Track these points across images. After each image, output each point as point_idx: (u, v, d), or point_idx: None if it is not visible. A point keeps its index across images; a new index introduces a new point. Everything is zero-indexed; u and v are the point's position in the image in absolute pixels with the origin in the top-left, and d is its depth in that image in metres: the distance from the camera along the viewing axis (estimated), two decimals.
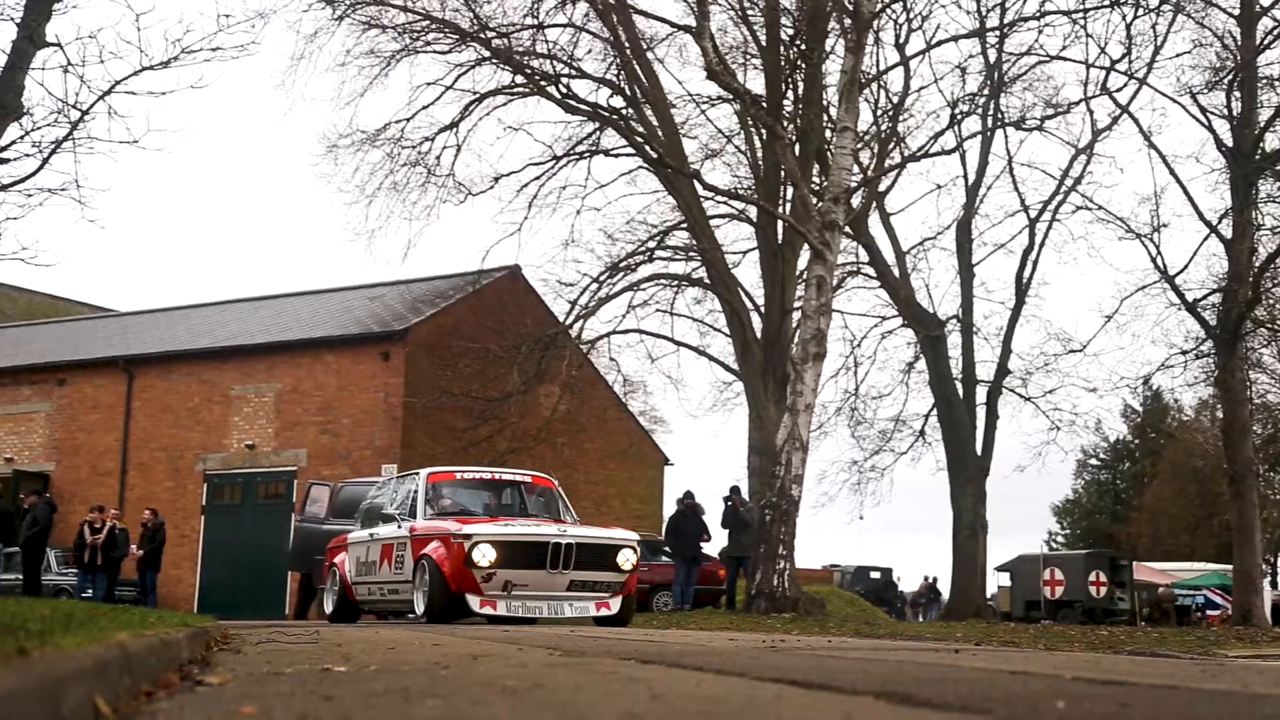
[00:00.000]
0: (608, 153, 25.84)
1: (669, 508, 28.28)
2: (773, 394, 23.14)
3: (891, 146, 26.26)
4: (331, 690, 3.06)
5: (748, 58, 26.29)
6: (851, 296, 32.10)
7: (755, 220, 25.18)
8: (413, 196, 25.27)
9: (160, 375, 27.64)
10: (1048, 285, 49.66)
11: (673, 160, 22.91)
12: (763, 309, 24.60)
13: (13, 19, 13.64)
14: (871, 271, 28.42)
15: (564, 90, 24.97)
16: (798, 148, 22.91)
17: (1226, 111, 25.92)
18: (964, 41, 26.40)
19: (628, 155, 25.63)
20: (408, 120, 25.19)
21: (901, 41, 26.03)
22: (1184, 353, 27.57)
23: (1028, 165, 40.25)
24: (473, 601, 12.08)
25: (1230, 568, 29.73)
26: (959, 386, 28.41)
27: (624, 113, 24.98)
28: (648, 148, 24.19)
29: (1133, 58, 26.20)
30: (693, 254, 25.61)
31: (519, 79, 25.07)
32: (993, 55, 26.88)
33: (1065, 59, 26.77)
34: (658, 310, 26.77)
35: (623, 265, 25.39)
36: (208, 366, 27.16)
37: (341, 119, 50.12)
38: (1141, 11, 25.88)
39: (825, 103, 24.29)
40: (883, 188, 27.17)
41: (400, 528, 13.32)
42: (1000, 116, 27.36)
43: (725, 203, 25.84)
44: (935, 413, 28.98)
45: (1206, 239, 26.62)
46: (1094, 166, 31.94)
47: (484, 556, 11.97)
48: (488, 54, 24.57)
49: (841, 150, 19.35)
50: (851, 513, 42.81)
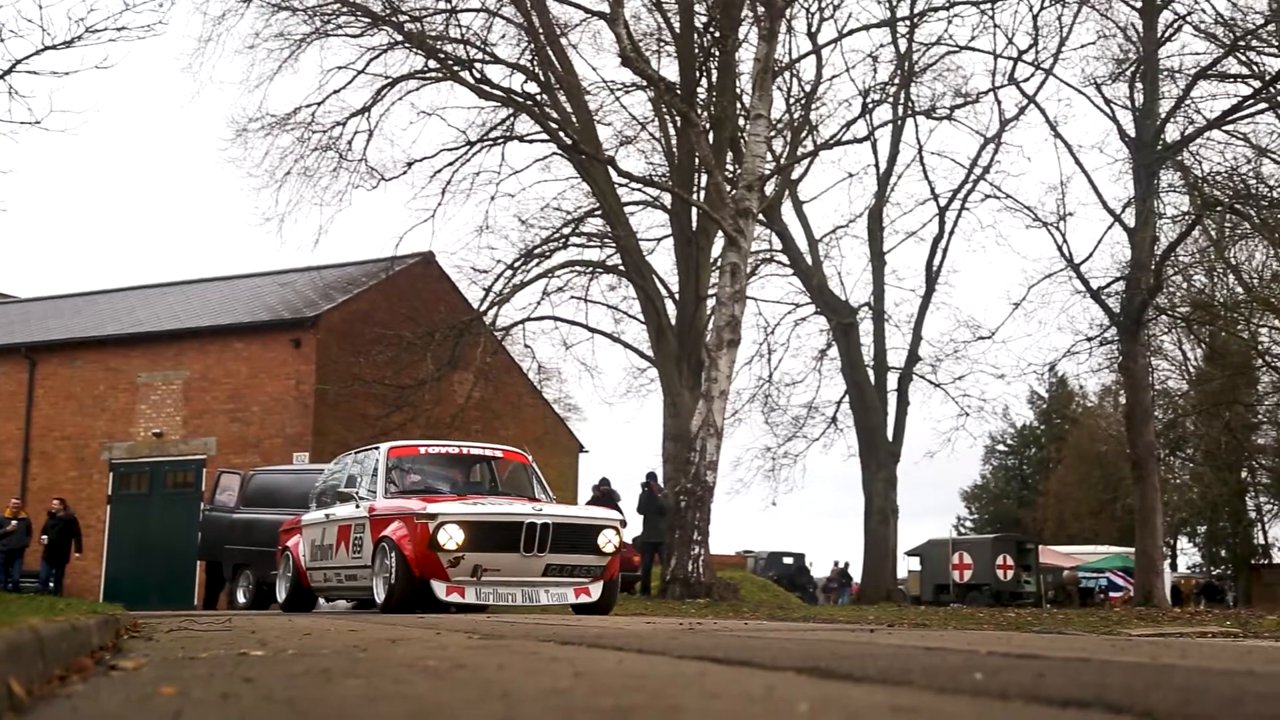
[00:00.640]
0: (522, 139, 25.72)
1: (584, 495, 28.29)
2: (687, 381, 23.21)
3: (804, 134, 26.47)
4: (250, 672, 3.03)
5: (662, 45, 26.32)
6: (765, 284, 32.34)
7: (670, 207, 25.21)
8: (324, 182, 24.97)
9: (64, 363, 27.06)
10: (957, 273, 50.62)
11: (587, 147, 22.86)
12: (677, 296, 24.65)
13: None
14: (785, 259, 28.65)
15: (478, 75, 24.80)
16: (712, 135, 22.97)
17: (1129, 102, 26.47)
18: (875, 31, 26.74)
19: (542, 141, 25.53)
20: (318, 104, 24.88)
21: (813, 30, 26.27)
22: (1089, 339, 28.14)
23: (938, 154, 40.88)
24: (438, 588, 10.91)
25: (1132, 550, 30.39)
26: (871, 373, 28.74)
27: (538, 99, 24.87)
28: (562, 134, 24.11)
29: (1039, 49, 26.68)
30: (607, 241, 25.59)
31: (432, 64, 24.85)
32: (903, 45, 27.23)
33: (974, 49, 27.19)
34: (572, 297, 26.77)
35: (537, 252, 25.31)
36: (113, 354, 26.63)
37: (251, 102, 49.31)
38: (1048, 3, 26.36)
39: (739, 90, 24.41)
40: (795, 176, 27.38)
41: (358, 508, 12.19)
42: (911, 105, 27.70)
43: (640, 189, 25.85)
44: (847, 399, 29.30)
45: (1110, 228, 27.19)
46: (1002, 156, 32.43)
47: (450, 538, 10.81)
48: (400, 38, 24.33)
49: (755, 138, 19.44)
50: (765, 499, 43.20)
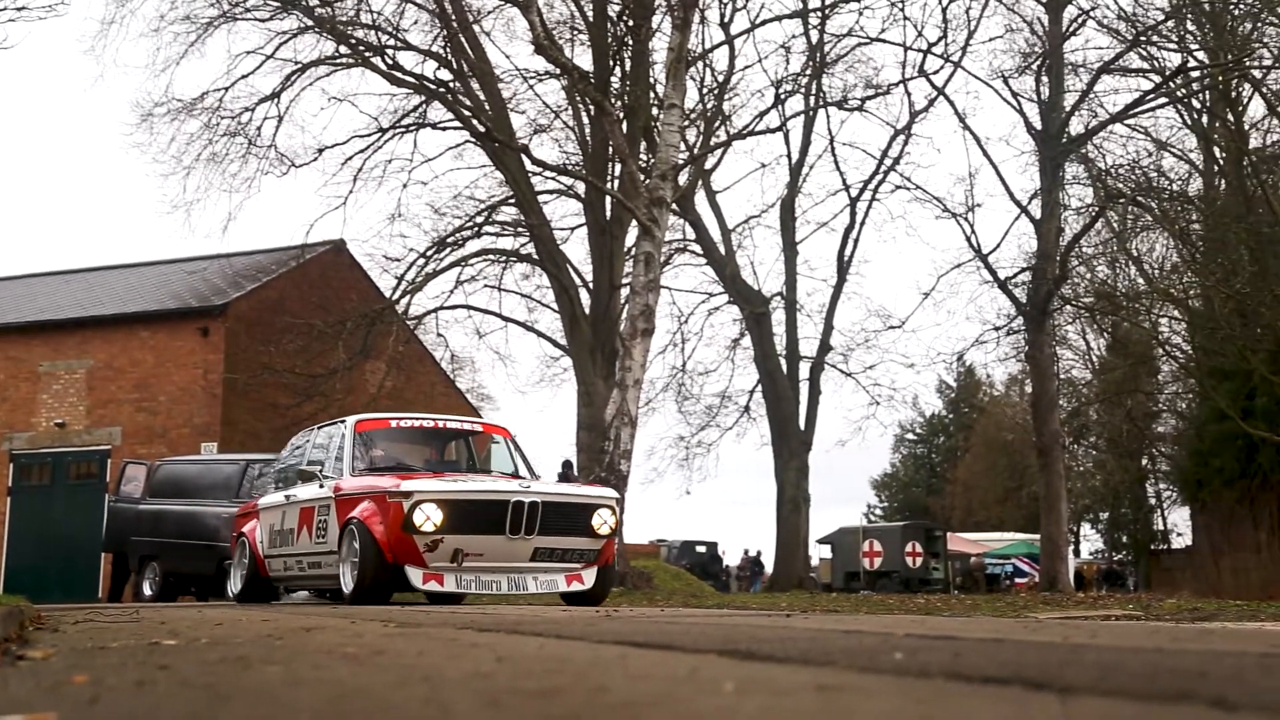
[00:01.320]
0: (435, 126, 25.52)
1: None
2: (601, 370, 23.22)
3: (717, 124, 26.58)
4: (164, 660, 2.97)
5: (575, 33, 26.25)
6: (679, 273, 32.42)
7: (584, 196, 25.17)
8: (233, 168, 24.60)
9: None
10: (868, 263, 51.25)
11: (500, 135, 22.75)
12: (591, 285, 24.63)
13: None
14: (698, 249, 28.75)
15: (389, 62, 24.55)
16: (625, 124, 22.96)
17: (1036, 95, 26.90)
18: (787, 21, 26.86)
19: (455, 129, 25.37)
20: (226, 89, 24.48)
21: (726, 20, 26.36)
22: (996, 329, 28.59)
23: (849, 145, 41.28)
24: (414, 576, 9.85)
25: (1037, 537, 30.94)
26: (783, 362, 28.96)
27: (451, 86, 24.68)
28: (475, 122, 23.96)
29: (948, 41, 27.00)
30: (521, 229, 25.50)
31: (343, 49, 24.56)
32: (815, 36, 27.40)
33: (884, 41, 27.45)
34: (486, 286, 26.65)
35: (450, 240, 25.15)
36: (14, 342, 26.02)
37: (157, 87, 48.47)
38: None
39: (652, 80, 24.41)
40: (709, 165, 27.49)
41: (323, 487, 11.14)
42: (822, 96, 27.89)
43: (554, 178, 25.77)
44: (760, 388, 29.49)
45: (1017, 219, 27.65)
46: (912, 147, 32.83)
47: (427, 519, 9.75)
48: (310, 23, 24.02)
49: (669, 127, 19.46)
50: (679, 488, 43.39)
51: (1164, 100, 26.87)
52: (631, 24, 23.61)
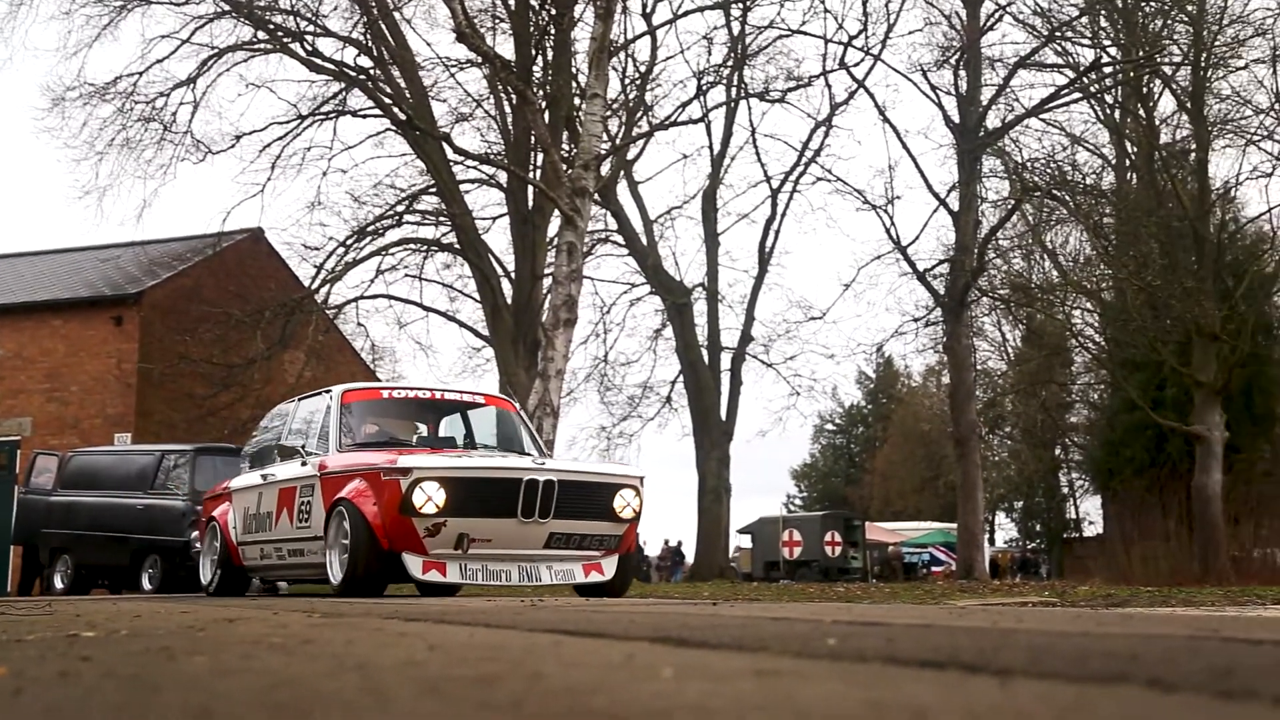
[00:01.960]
0: (355, 113, 25.26)
1: None
2: (523, 360, 23.14)
3: (639, 115, 26.55)
4: (86, 652, 2.91)
5: (497, 21, 26.09)
6: (601, 263, 32.47)
7: (506, 185, 25.06)
8: (147, 154, 24.18)
9: None
10: (789, 254, 51.43)
11: (422, 123, 22.58)
12: (513, 275, 24.53)
13: None
14: (620, 239, 28.75)
15: (309, 48, 24.25)
16: (548, 114, 22.88)
17: (954, 89, 27.19)
18: (709, 13, 26.90)
19: (375, 116, 25.12)
20: (140, 74, 24.05)
21: (649, 11, 26.36)
22: (915, 320, 28.92)
23: (770, 137, 41.49)
24: (412, 564, 8.72)
25: (954, 526, 31.35)
26: (704, 353, 29.05)
27: (371, 73, 24.44)
28: (396, 110, 23.75)
29: (868, 34, 27.21)
30: (442, 219, 25.34)
31: (260, 35, 24.22)
32: (736, 27, 27.50)
33: (806, 33, 27.58)
34: (407, 275, 26.46)
35: (370, 229, 24.94)
36: None
37: (68, 70, 47.50)
38: None
39: (574, 69, 24.35)
40: (631, 156, 27.47)
41: (306, 465, 10.01)
42: (744, 88, 28.01)
43: (475, 167, 25.66)
44: (682, 379, 29.57)
45: (936, 211, 27.99)
46: (832, 139, 33.21)
47: (428, 500, 8.66)
48: (227, 7, 23.65)
49: (591, 117, 19.41)
50: None
51: (1078, 95, 27.29)
52: (553, 13, 23.52)
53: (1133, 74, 26.40)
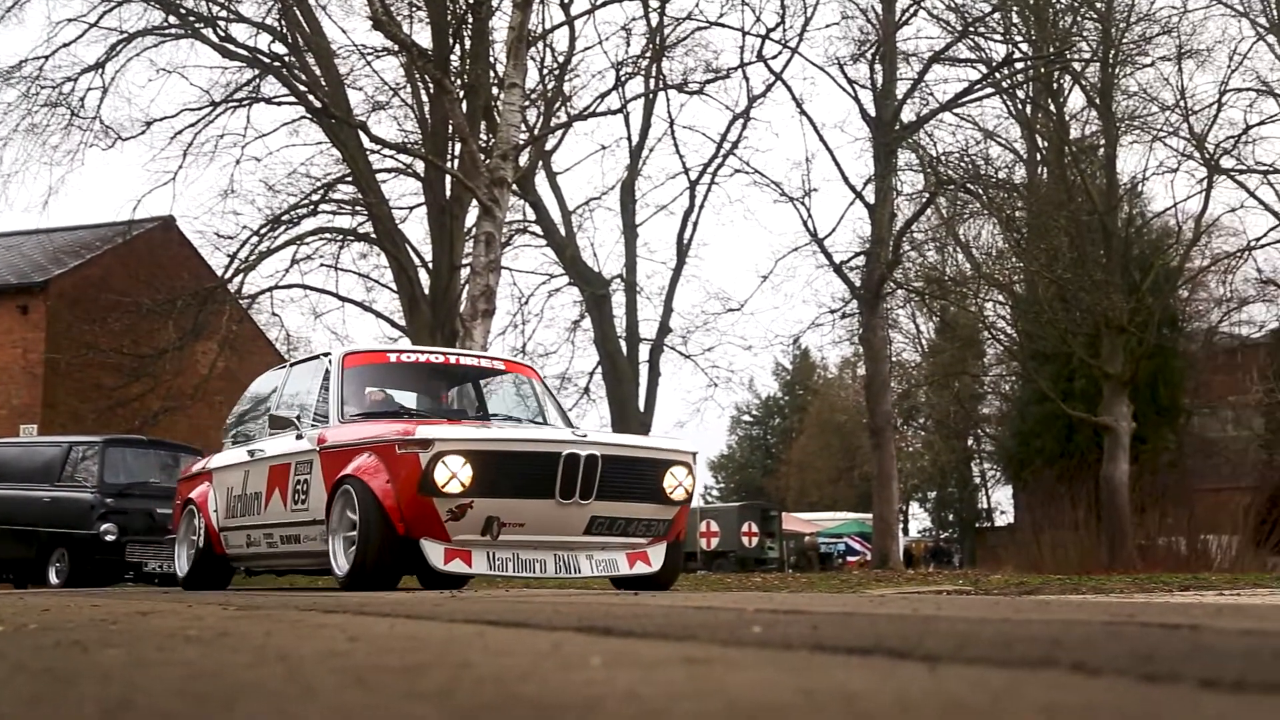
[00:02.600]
0: (269, 101, 24.93)
1: None
2: None
3: (557, 106, 26.47)
4: None
5: (414, 9, 25.87)
6: (519, 254, 32.36)
7: (423, 175, 24.88)
8: (54, 140, 23.68)
9: None
10: (707, 246, 51.53)
11: (337, 111, 22.33)
12: (431, 265, 24.37)
13: None
14: (539, 230, 28.65)
15: (221, 34, 23.89)
16: (465, 103, 22.73)
17: (870, 83, 27.43)
18: (628, 4, 26.95)
19: (290, 104, 24.82)
20: (47, 58, 23.55)
21: (567, 1, 26.26)
22: (831, 312, 29.16)
23: (689, 128, 41.51)
24: (433, 552, 7.61)
25: (869, 516, 31.67)
26: (623, 344, 29.05)
27: (286, 60, 24.14)
28: (311, 97, 23.47)
29: (786, 27, 27.35)
30: (359, 208, 25.10)
31: (171, 20, 23.82)
32: (655, 19, 27.49)
33: (723, 25, 27.68)
34: (322, 265, 26.20)
35: (285, 218, 24.63)
36: None
37: None
38: None
39: (493, 59, 24.23)
40: (549, 147, 27.38)
41: (302, 439, 8.85)
42: (662, 79, 28.01)
43: (393, 156, 25.44)
44: (600, 370, 29.56)
45: (852, 204, 28.20)
46: (750, 132, 33.34)
47: (453, 477, 7.52)
48: None
49: (509, 107, 19.31)
50: None
51: (991, 90, 27.68)
52: (471, 2, 23.37)
53: (1043, 70, 26.83)
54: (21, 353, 23.35)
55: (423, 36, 24.54)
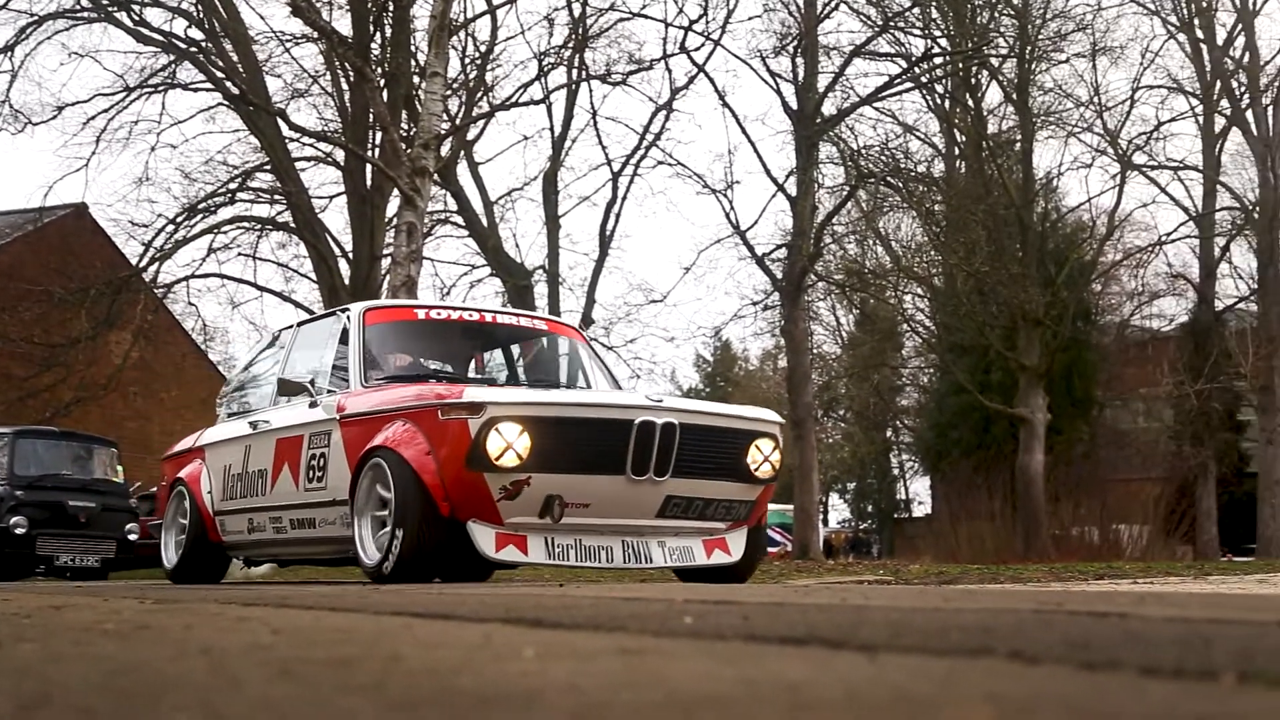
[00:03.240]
0: (185, 87, 24.51)
1: None
2: None
3: (480, 95, 26.32)
4: None
5: None
6: (441, 244, 32.12)
7: (343, 164, 24.62)
8: None
9: None
10: (630, 238, 51.72)
11: (255, 98, 22.01)
12: (351, 255, 24.13)
13: None
14: (460, 220, 28.46)
15: (135, 18, 23.42)
16: (386, 92, 22.51)
17: (792, 76, 27.55)
18: None
19: (207, 90, 24.41)
20: None
21: None
22: (753, 304, 29.31)
23: (611, 119, 41.44)
24: (482, 537, 6.57)
25: (790, 508, 31.87)
26: None
27: (203, 46, 23.73)
28: (228, 84, 23.11)
29: (709, 19, 27.35)
30: (277, 197, 24.78)
31: (84, 2, 23.33)
32: (578, 9, 27.40)
33: (646, 17, 27.59)
34: (240, 254, 25.80)
35: (202, 206, 24.24)
36: None
37: None
38: None
39: (414, 47, 24.01)
40: (471, 137, 27.21)
41: (316, 406, 7.81)
42: (585, 70, 27.92)
43: (312, 145, 25.12)
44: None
45: (774, 196, 28.35)
46: (673, 123, 33.18)
47: (508, 448, 6.43)
48: None
49: (431, 96, 19.13)
50: None
51: (910, 85, 27.96)
52: None
53: (961, 65, 27.14)
54: None
55: (343, 24, 24.25)
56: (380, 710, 1.40)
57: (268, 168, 24.56)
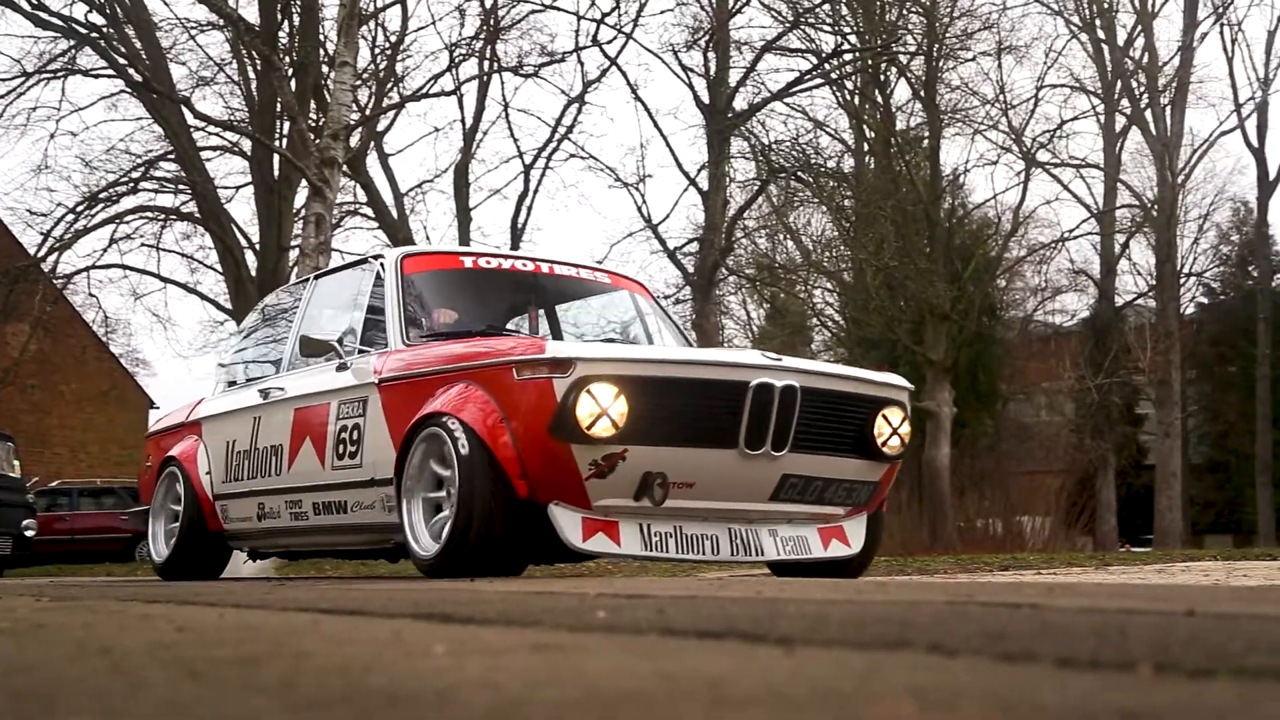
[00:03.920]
0: (86, 73, 23.99)
1: None
2: None
3: (390, 86, 26.07)
4: None
5: None
6: (349, 236, 31.73)
7: (250, 154, 24.26)
8: None
9: None
10: (541, 231, 51.39)
11: (159, 85, 21.61)
12: (258, 246, 23.79)
13: None
14: (370, 212, 28.20)
15: (34, 1, 22.87)
16: (294, 81, 22.21)
17: (704, 70, 27.64)
18: None
19: (109, 77, 23.92)
20: None
21: None
22: (665, 298, 29.28)
23: (523, 112, 41.28)
24: (567, 522, 5.47)
25: None
26: None
27: (104, 31, 23.24)
28: (131, 70, 22.65)
29: (621, 12, 27.33)
30: (182, 187, 24.36)
31: None
32: (489, 0, 27.23)
33: (559, 9, 27.54)
34: (143, 245, 25.39)
35: (103, 196, 23.80)
36: None
37: None
38: None
39: (323, 36, 23.72)
40: (381, 128, 26.96)
41: (347, 370, 6.62)
42: (497, 62, 27.76)
43: (218, 134, 24.74)
44: None
45: (686, 190, 28.38)
46: (585, 116, 33.25)
47: (602, 414, 5.31)
48: None
49: (340, 86, 18.92)
50: None
51: (820, 81, 28.20)
52: None
53: (870, 62, 27.41)
54: None
55: (250, 11, 23.89)
56: (289, 710, 1.35)
57: (171, 157, 24.16)
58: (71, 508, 24.56)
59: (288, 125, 22.33)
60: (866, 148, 30.36)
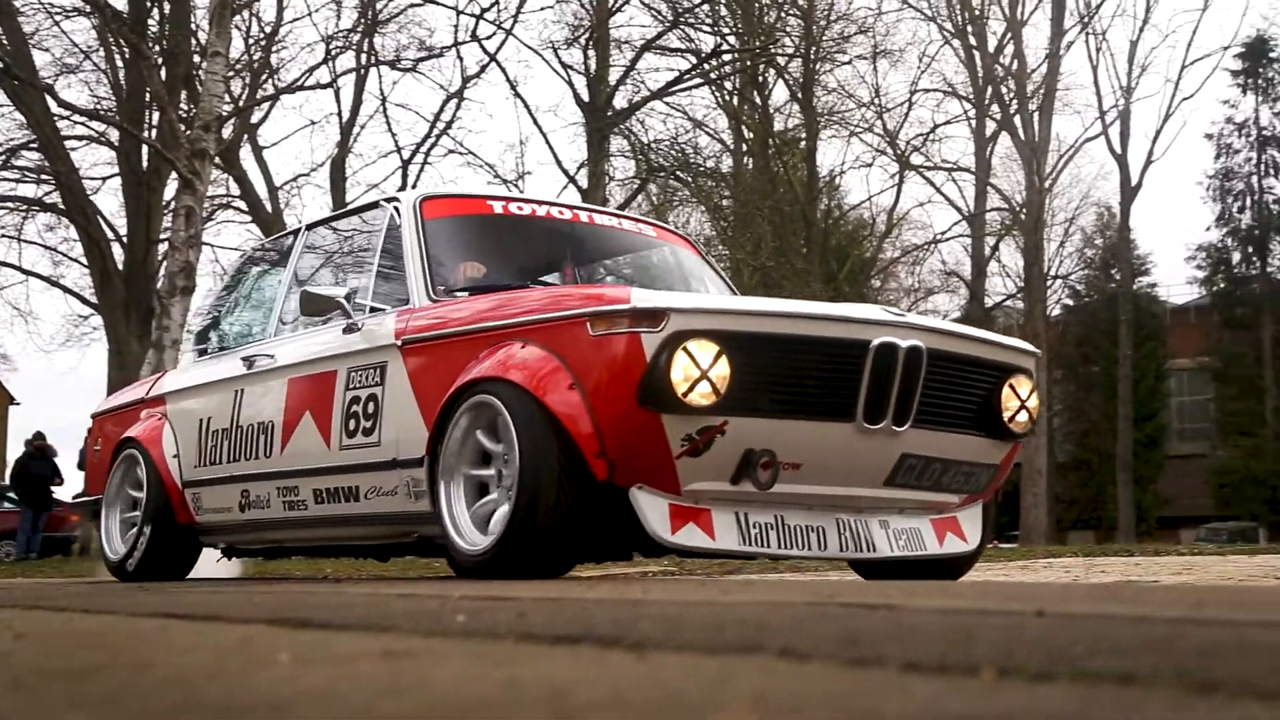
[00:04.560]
0: None
1: (15, 450, 26.18)
2: (135, 329, 21.95)
3: (264, 77, 25.64)
4: None
5: None
6: (222, 229, 31.14)
7: (117, 144, 23.67)
8: None
9: None
10: None
11: (21, 72, 20.96)
12: (126, 239, 23.22)
13: None
14: (243, 205, 27.69)
15: None
16: (164, 70, 21.71)
17: (584, 68, 27.63)
18: None
19: None
20: None
21: None
22: None
23: (402, 107, 40.90)
24: (652, 510, 4.36)
25: None
26: None
27: None
28: None
29: (501, 8, 27.19)
30: (45, 176, 23.68)
31: None
32: None
33: (438, 3, 27.27)
34: (4, 236, 24.64)
35: None
36: None
37: None
38: None
39: (194, 25, 23.23)
40: (255, 119, 26.49)
41: (357, 332, 5.49)
42: (374, 55, 27.45)
43: (83, 123, 24.09)
44: None
45: (565, 188, 28.32)
46: (464, 112, 33.02)
47: (700, 377, 4.22)
48: None
49: (212, 76, 18.51)
50: None
51: (700, 81, 28.38)
52: None
53: (749, 63, 27.66)
54: None
55: None
56: None
57: (34, 146, 23.47)
58: None
59: (157, 115, 21.85)
60: (745, 148, 30.65)
